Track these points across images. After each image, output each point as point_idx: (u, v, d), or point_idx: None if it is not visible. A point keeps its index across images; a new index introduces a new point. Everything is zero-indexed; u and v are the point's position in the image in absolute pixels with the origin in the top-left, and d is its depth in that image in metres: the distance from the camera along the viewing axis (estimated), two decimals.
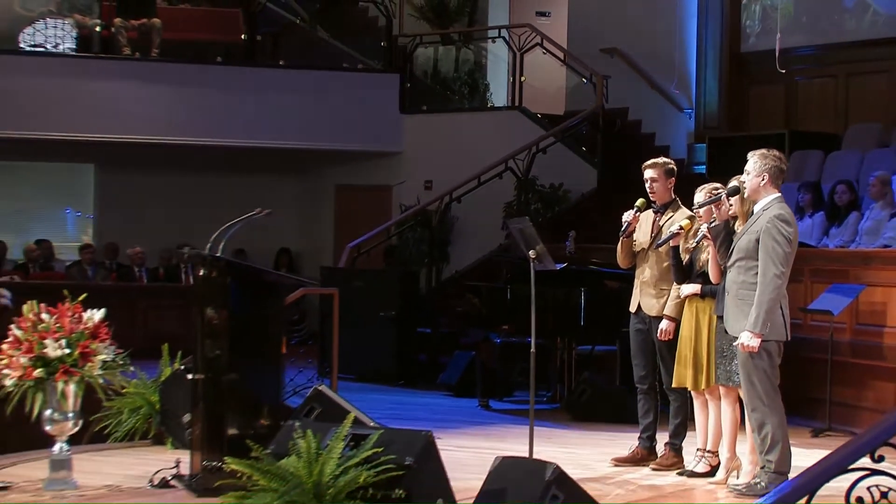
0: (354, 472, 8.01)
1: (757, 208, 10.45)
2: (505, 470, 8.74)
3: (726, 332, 10.68)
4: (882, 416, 13.55)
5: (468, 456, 11.99)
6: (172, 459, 11.22)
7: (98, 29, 22.60)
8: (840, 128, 20.82)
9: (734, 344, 10.40)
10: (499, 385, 16.27)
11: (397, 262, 22.41)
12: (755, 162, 10.58)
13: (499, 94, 25.87)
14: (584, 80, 23.60)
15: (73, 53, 22.54)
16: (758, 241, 10.24)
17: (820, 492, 6.89)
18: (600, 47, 24.25)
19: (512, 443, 12.62)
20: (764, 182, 10.38)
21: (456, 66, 25.24)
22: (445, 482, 8.55)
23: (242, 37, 23.79)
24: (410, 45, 24.86)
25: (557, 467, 8.55)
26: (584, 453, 12.14)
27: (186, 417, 11.76)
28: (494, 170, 22.11)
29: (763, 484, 10.22)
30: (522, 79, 24.10)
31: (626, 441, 12.69)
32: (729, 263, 10.54)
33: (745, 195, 10.64)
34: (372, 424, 12.56)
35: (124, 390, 12.35)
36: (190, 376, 12.05)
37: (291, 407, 12.85)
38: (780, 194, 10.62)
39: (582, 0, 25.77)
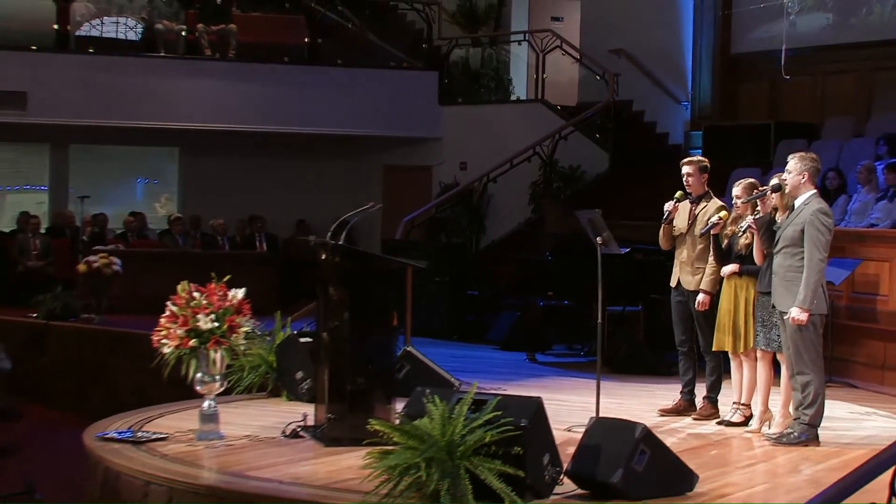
0: (480, 433, 7.99)
1: (798, 203, 10.51)
2: (599, 428, 8.81)
3: (771, 306, 10.72)
4: (874, 369, 13.83)
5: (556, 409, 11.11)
6: (291, 411, 11.39)
7: (184, 34, 22.63)
8: (818, 119, 20.81)
9: (785, 318, 10.40)
10: (541, 341, 16.23)
11: (441, 233, 22.29)
12: (796, 163, 10.65)
13: (519, 88, 25.87)
14: (598, 77, 23.57)
15: (164, 55, 22.51)
16: (802, 231, 10.28)
17: None
18: (609, 48, 24.10)
19: (568, 394, 12.71)
20: (804, 180, 10.49)
21: (482, 63, 25.13)
22: (552, 440, 8.56)
23: (305, 40, 23.86)
24: (446, 47, 25.03)
25: (645, 427, 8.63)
26: (631, 404, 12.06)
27: (299, 374, 12.25)
28: (525, 154, 22.12)
29: (795, 434, 10.32)
30: (545, 76, 24.13)
31: (660, 392, 12.95)
32: (776, 250, 10.55)
33: (787, 191, 10.66)
34: (454, 380, 12.87)
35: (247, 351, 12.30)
36: (303, 340, 12.36)
37: None
38: (815, 190, 10.70)
39: (592, 7, 25.58)
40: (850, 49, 20.60)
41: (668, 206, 11.92)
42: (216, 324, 10.09)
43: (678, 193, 11.88)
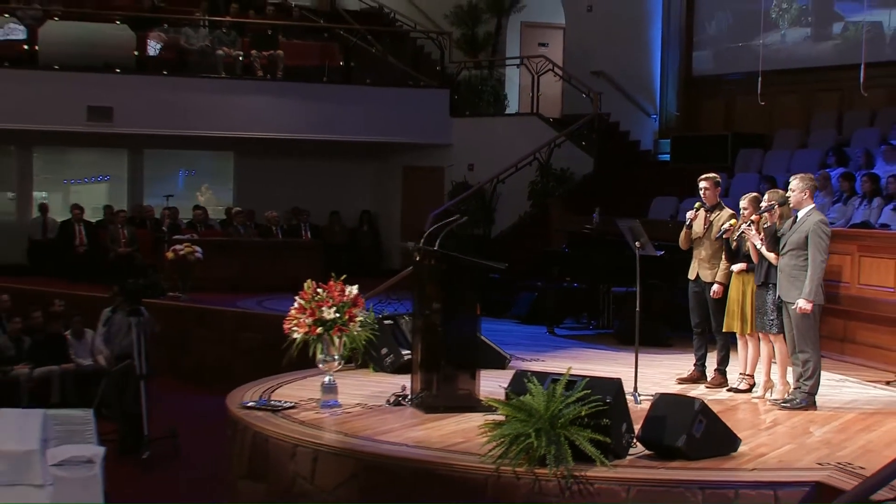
0: (575, 408, 8.17)
1: (801, 214, 10.57)
2: (663, 402, 8.91)
3: (765, 296, 10.83)
4: (835, 342, 13.87)
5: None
6: (383, 381, 11.64)
7: (240, 58, 22.61)
8: (768, 131, 20.78)
9: (791, 307, 10.49)
10: (557, 317, 16.21)
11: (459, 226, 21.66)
12: (798, 182, 10.69)
13: (513, 103, 25.80)
14: (584, 95, 23.53)
15: (224, 76, 22.44)
16: (806, 237, 10.35)
17: None
18: (590, 69, 24.05)
19: (595, 364, 12.60)
20: (805, 196, 10.57)
21: (481, 82, 25.02)
22: (628, 412, 8.73)
23: (340, 63, 23.87)
24: (456, 69, 24.98)
25: (702, 402, 8.74)
26: (650, 373, 12.05)
27: (384, 350, 12.29)
28: (528, 159, 22.22)
29: (797, 401, 10.47)
30: (539, 94, 24.10)
31: (667, 362, 13.05)
32: (782, 252, 10.56)
33: (790, 204, 10.74)
34: (505, 354, 13.02)
35: None
36: (386, 322, 12.41)
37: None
38: (814, 204, 10.80)
39: (573, 35, 25.50)
40: (793, 74, 20.51)
41: (689, 214, 12.04)
42: (337, 315, 10.13)
43: (697, 204, 12.00)
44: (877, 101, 19.14)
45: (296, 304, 10.43)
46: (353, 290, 10.38)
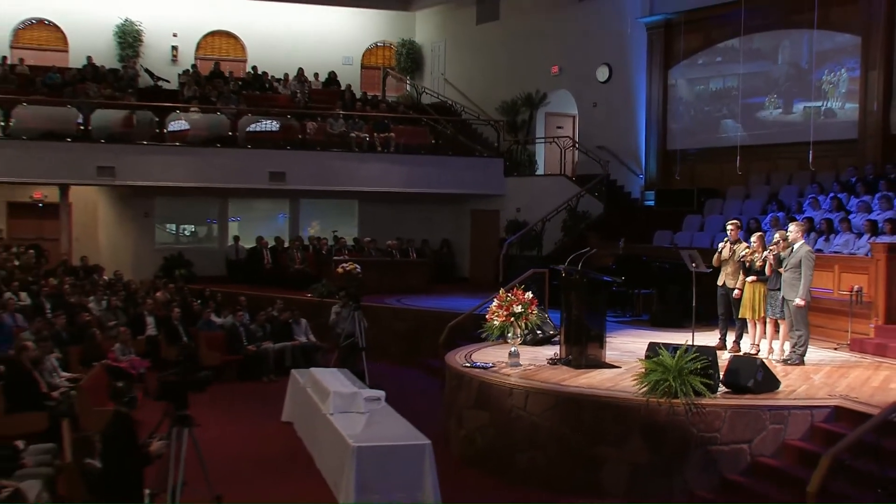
0: (692, 363, 9.07)
1: (796, 246, 11.24)
2: (735, 360, 9.82)
3: (776, 296, 11.41)
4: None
5: (639, 347, 11.60)
6: (528, 351, 11.85)
7: (366, 138, 22.84)
8: (722, 187, 20.38)
9: (790, 303, 11.14)
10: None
11: (518, 249, 21.57)
12: (795, 227, 11.38)
13: (539, 167, 25.59)
14: (597, 162, 23.43)
15: (355, 150, 22.61)
16: (800, 261, 11.08)
17: None
18: (596, 144, 23.86)
19: (645, 338, 11.77)
20: (799, 235, 11.30)
21: (520, 153, 25.05)
22: (717, 364, 9.36)
23: (431, 140, 24.02)
24: (506, 145, 24.82)
25: (761, 359, 9.71)
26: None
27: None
28: (564, 206, 22.40)
29: (794, 360, 11.23)
30: (564, 162, 24.40)
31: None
32: (784, 270, 11.25)
33: (790, 239, 11.39)
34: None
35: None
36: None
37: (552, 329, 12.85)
38: (804, 240, 11.42)
39: (583, 121, 25.11)
40: (731, 150, 19.58)
41: (720, 245, 12.39)
42: (521, 309, 11.07)
43: (725, 239, 12.42)
44: (791, 166, 19.45)
45: (494, 303, 11.19)
46: (529, 294, 11.17)
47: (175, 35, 27.51)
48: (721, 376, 9.58)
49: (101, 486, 6.99)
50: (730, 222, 12.63)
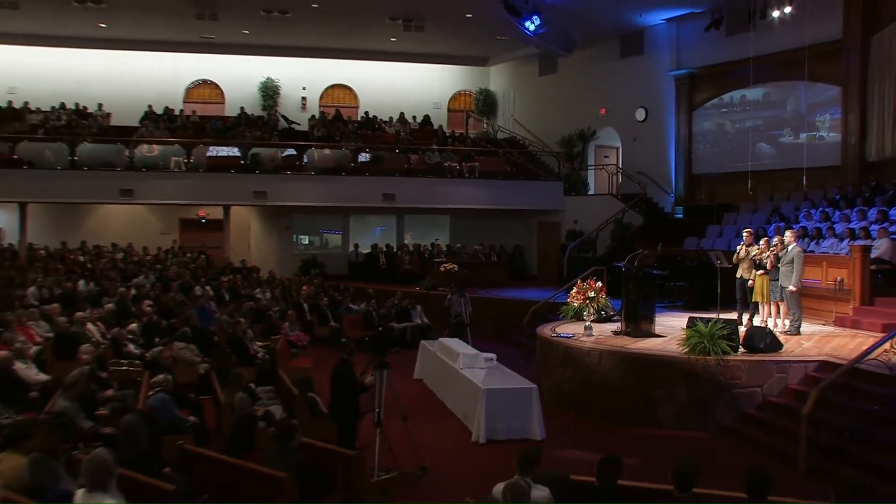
0: (721, 330, 9.97)
1: (790, 248, 11.77)
2: (752, 329, 10.63)
3: (777, 285, 11.89)
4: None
5: (676, 323, 12.54)
6: (594, 325, 12.18)
7: (456, 167, 23.55)
8: (736, 202, 20.32)
9: (783, 288, 11.70)
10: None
11: (577, 252, 21.72)
12: (790, 233, 11.91)
13: (591, 188, 25.57)
14: (637, 184, 23.43)
15: (448, 177, 23.18)
16: (793, 258, 11.61)
17: None
18: (636, 170, 23.84)
19: (683, 318, 12.13)
20: (793, 239, 11.80)
21: (575, 178, 24.96)
22: (738, 332, 10.09)
23: (507, 168, 24.47)
24: (564, 171, 25.01)
25: (769, 329, 10.50)
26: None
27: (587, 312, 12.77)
28: (613, 218, 22.46)
29: (792, 331, 11.74)
30: (611, 185, 24.74)
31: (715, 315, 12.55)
32: (781, 265, 11.83)
33: (786, 242, 11.89)
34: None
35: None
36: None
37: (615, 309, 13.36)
38: (796, 243, 11.84)
39: (626, 150, 24.92)
40: (747, 174, 19.24)
41: (738, 247, 12.72)
42: (593, 295, 12.27)
43: (742, 243, 12.67)
44: (789, 187, 19.47)
45: (574, 290, 12.38)
46: (599, 284, 12.34)
47: (304, 88, 28.80)
48: (741, 340, 10.51)
49: (331, 408, 8.54)
50: (745, 230, 13.14)
